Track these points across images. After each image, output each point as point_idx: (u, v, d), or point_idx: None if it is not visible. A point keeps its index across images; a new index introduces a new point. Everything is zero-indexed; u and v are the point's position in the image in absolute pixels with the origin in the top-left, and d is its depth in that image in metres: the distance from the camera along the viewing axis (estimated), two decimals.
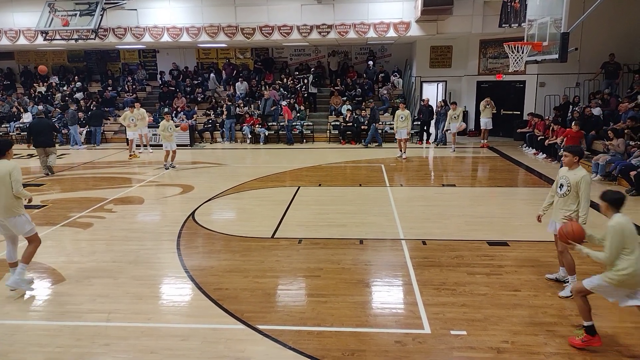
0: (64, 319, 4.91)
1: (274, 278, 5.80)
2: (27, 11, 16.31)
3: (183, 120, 17.27)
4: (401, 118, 13.33)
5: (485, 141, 15.49)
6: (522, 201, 9.47)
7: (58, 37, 15.72)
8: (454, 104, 14.97)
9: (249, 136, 16.96)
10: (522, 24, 11.02)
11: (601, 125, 12.40)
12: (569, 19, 8.44)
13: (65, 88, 20.29)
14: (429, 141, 16.48)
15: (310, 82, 18.66)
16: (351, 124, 16.49)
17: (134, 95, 19.53)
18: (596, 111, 12.96)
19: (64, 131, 17.28)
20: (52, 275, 5.87)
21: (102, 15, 15.45)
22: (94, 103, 18.54)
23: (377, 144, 16.04)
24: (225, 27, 16.20)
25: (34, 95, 19.98)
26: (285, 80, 19.31)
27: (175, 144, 12.79)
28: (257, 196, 9.84)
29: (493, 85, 16.96)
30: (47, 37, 15.76)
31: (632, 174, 9.40)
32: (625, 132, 10.96)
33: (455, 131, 14.69)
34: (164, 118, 18.04)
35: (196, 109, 18.63)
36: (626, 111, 11.96)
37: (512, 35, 13.14)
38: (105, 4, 15.51)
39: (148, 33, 16.43)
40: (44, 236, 6.51)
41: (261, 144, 16.85)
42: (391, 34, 15.62)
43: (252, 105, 17.97)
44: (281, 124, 17.08)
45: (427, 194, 9.88)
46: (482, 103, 15.38)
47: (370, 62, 19.62)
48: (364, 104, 17.36)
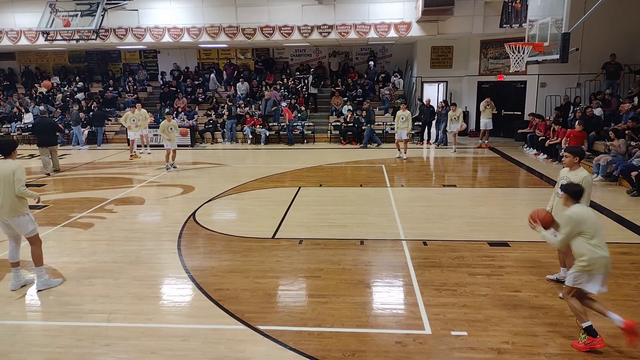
0: (64, 319, 4.91)
1: (274, 278, 5.80)
2: (28, 12, 16.34)
3: (184, 121, 17.31)
4: (402, 119, 13.32)
5: (487, 141, 15.50)
6: (523, 202, 9.46)
7: (59, 37, 15.74)
8: (453, 105, 14.98)
9: (250, 136, 16.97)
10: (523, 25, 11.02)
11: (602, 126, 12.39)
12: (570, 19, 8.45)
13: (66, 88, 20.31)
14: (430, 142, 16.48)
15: (310, 82, 18.67)
16: (352, 124, 16.49)
17: (135, 95, 19.56)
18: (597, 112, 12.95)
19: (66, 131, 17.30)
20: (53, 276, 5.86)
21: (103, 16, 15.46)
22: (94, 103, 18.56)
23: (377, 144, 16.04)
24: (226, 27, 16.22)
25: (35, 95, 20.01)
26: (286, 80, 19.33)
27: (177, 143, 12.80)
28: (257, 196, 9.84)
29: (494, 85, 16.96)
30: (48, 38, 15.77)
31: (633, 174, 9.39)
32: (626, 132, 10.95)
33: (456, 131, 14.69)
34: (165, 118, 18.10)
35: (197, 109, 18.64)
36: (627, 112, 11.95)
37: (513, 36, 13.15)
38: (106, 4, 15.52)
39: (149, 33, 16.46)
40: (45, 236, 6.51)
41: (262, 144, 16.86)
42: (392, 34, 15.63)
43: (253, 106, 17.98)
44: (282, 124, 17.09)
45: (428, 194, 9.88)
46: (482, 103, 15.39)
47: (371, 63, 19.62)
48: (365, 104, 17.35)
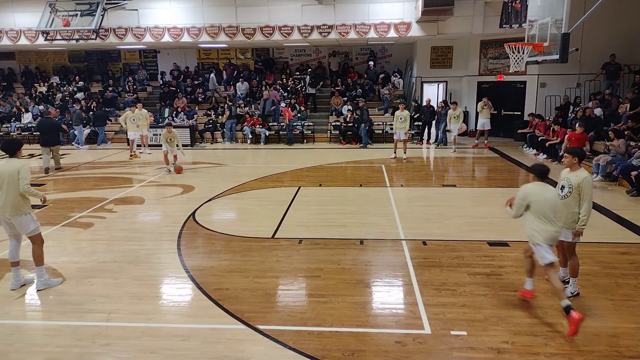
0: (64, 319, 4.91)
1: (274, 278, 5.80)
2: (28, 11, 16.33)
3: (183, 121, 17.31)
4: (400, 119, 13.32)
5: (486, 141, 15.48)
6: None
7: (59, 37, 15.74)
8: (454, 103, 14.97)
9: (250, 136, 16.97)
10: (523, 25, 11.02)
11: (602, 126, 12.39)
12: (569, 19, 8.45)
13: (65, 88, 20.27)
14: (430, 141, 16.48)
15: (308, 82, 18.66)
16: (352, 124, 16.49)
17: (135, 95, 19.56)
18: (597, 112, 12.95)
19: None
20: (52, 275, 5.86)
21: (103, 16, 15.46)
22: (94, 103, 18.55)
23: (362, 145, 15.92)
24: (226, 27, 16.22)
25: (34, 95, 20.01)
26: (286, 80, 19.32)
27: (176, 150, 12.17)
28: (257, 196, 9.84)
29: (494, 85, 16.96)
30: (48, 38, 15.77)
31: (633, 174, 9.39)
32: (626, 133, 10.95)
33: (457, 133, 14.69)
34: (165, 118, 18.09)
35: (197, 109, 18.64)
36: (623, 113, 11.95)
37: (512, 36, 13.16)
38: (106, 4, 15.52)
39: (149, 33, 16.45)
40: (45, 236, 6.46)
41: (262, 144, 16.85)
42: (392, 34, 15.63)
43: (253, 106, 17.98)
44: (281, 124, 17.09)
45: (428, 194, 9.88)
46: (480, 104, 15.37)
47: (371, 63, 19.61)
48: (360, 103, 17.21)
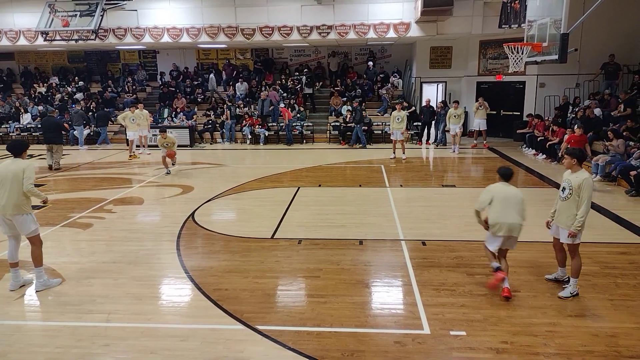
0: (63, 320, 4.91)
1: (273, 278, 5.80)
2: (28, 12, 16.33)
3: (183, 121, 17.30)
4: (397, 119, 13.31)
5: (484, 142, 15.47)
6: None
7: (58, 37, 15.73)
8: (456, 102, 14.95)
9: (249, 137, 16.97)
10: (522, 25, 11.02)
11: (601, 126, 12.40)
12: (568, 19, 8.44)
13: (65, 89, 20.26)
14: (429, 142, 16.47)
15: (304, 82, 18.65)
16: (351, 124, 16.47)
17: (134, 95, 19.56)
18: (596, 112, 12.96)
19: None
20: (51, 276, 5.86)
21: (102, 16, 15.46)
22: (93, 104, 18.54)
23: (349, 144, 15.99)
24: (225, 27, 16.22)
25: (34, 95, 19.99)
26: (285, 80, 19.32)
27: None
28: (256, 197, 9.84)
29: (493, 85, 16.97)
30: (47, 38, 15.77)
31: (632, 174, 9.40)
32: (624, 133, 10.95)
33: (456, 133, 14.67)
34: (164, 119, 18.08)
35: (196, 109, 18.63)
36: (619, 115, 11.99)
37: (512, 36, 13.16)
38: (105, 4, 15.52)
39: (148, 34, 16.45)
40: (44, 236, 6.47)
41: (261, 144, 16.85)
42: (391, 34, 15.64)
43: (252, 106, 17.98)
44: (281, 124, 17.09)
45: (427, 194, 9.88)
46: (475, 105, 15.34)
47: (370, 63, 19.62)
48: (360, 103, 17.16)
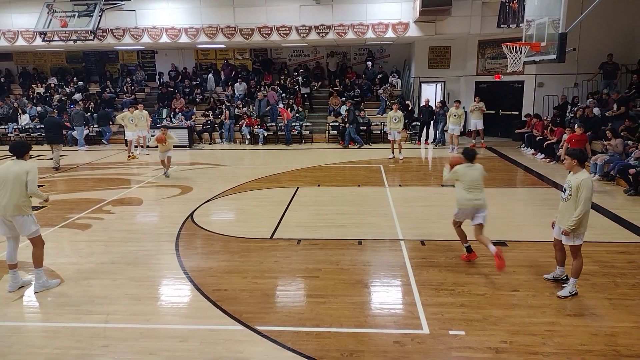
0: (62, 321, 4.91)
1: (272, 279, 5.80)
2: (26, 12, 16.29)
3: (182, 122, 17.28)
4: (394, 119, 13.30)
5: (482, 141, 15.46)
6: (520, 201, 9.49)
7: (56, 38, 15.69)
8: (457, 102, 14.93)
9: (248, 137, 16.96)
10: (521, 25, 11.01)
11: (599, 126, 12.41)
12: (567, 19, 8.44)
13: (63, 89, 20.22)
14: (428, 141, 16.47)
15: (301, 82, 18.61)
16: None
17: (133, 96, 19.53)
18: (595, 111, 12.97)
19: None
20: (50, 277, 5.85)
21: (100, 16, 15.41)
22: (92, 104, 18.51)
23: (359, 145, 16.00)
24: (224, 27, 16.21)
25: (32, 96, 19.96)
26: (284, 81, 19.30)
27: (171, 152, 11.60)
28: (255, 197, 9.84)
29: (491, 85, 16.98)
30: (46, 38, 15.72)
31: (631, 172, 9.40)
32: (622, 133, 10.96)
33: (457, 133, 14.67)
34: (163, 119, 18.05)
35: (195, 109, 18.61)
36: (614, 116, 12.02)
37: (510, 36, 13.16)
38: (103, 5, 15.48)
39: (147, 34, 16.43)
40: (43, 237, 6.46)
41: (260, 144, 16.85)
42: (390, 34, 15.64)
43: (251, 106, 17.97)
44: (280, 124, 17.08)
45: (426, 194, 9.88)
46: (471, 106, 15.34)
47: (369, 63, 19.62)
48: (353, 104, 17.08)
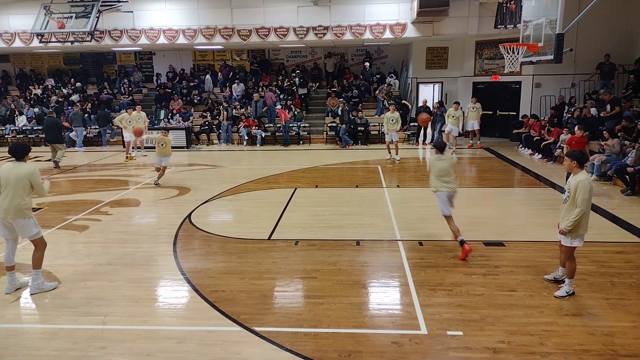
0: (59, 322, 4.89)
1: (270, 280, 5.80)
2: (23, 14, 16.27)
3: (179, 123, 17.27)
4: (391, 120, 13.29)
5: (479, 142, 15.47)
6: (518, 202, 9.51)
7: (54, 39, 15.67)
8: (456, 103, 14.94)
9: (246, 138, 16.95)
10: (518, 25, 11.04)
11: (597, 126, 12.44)
12: (564, 19, 8.47)
13: (60, 91, 20.17)
14: (426, 142, 16.49)
15: (297, 83, 18.62)
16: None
17: (130, 97, 19.51)
18: (592, 111, 13.01)
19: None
20: (47, 279, 5.83)
21: (98, 18, 15.36)
22: (89, 105, 18.47)
23: (346, 144, 16.04)
24: (222, 29, 16.21)
25: (29, 98, 19.92)
26: (282, 82, 19.30)
27: (168, 160, 10.94)
28: (253, 198, 9.83)
29: (489, 86, 17.01)
30: (43, 40, 15.68)
31: (630, 170, 9.42)
32: (619, 134, 10.98)
33: (456, 134, 14.68)
34: (161, 120, 18.02)
35: (192, 110, 18.60)
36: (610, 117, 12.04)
37: (507, 36, 13.20)
38: (101, 6, 15.46)
39: (144, 35, 16.42)
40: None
41: (258, 145, 16.84)
42: (387, 35, 15.66)
43: (249, 107, 17.96)
44: (277, 125, 17.08)
45: (424, 194, 9.85)
46: (468, 107, 15.35)
47: (367, 64, 19.65)
48: (345, 104, 17.09)
